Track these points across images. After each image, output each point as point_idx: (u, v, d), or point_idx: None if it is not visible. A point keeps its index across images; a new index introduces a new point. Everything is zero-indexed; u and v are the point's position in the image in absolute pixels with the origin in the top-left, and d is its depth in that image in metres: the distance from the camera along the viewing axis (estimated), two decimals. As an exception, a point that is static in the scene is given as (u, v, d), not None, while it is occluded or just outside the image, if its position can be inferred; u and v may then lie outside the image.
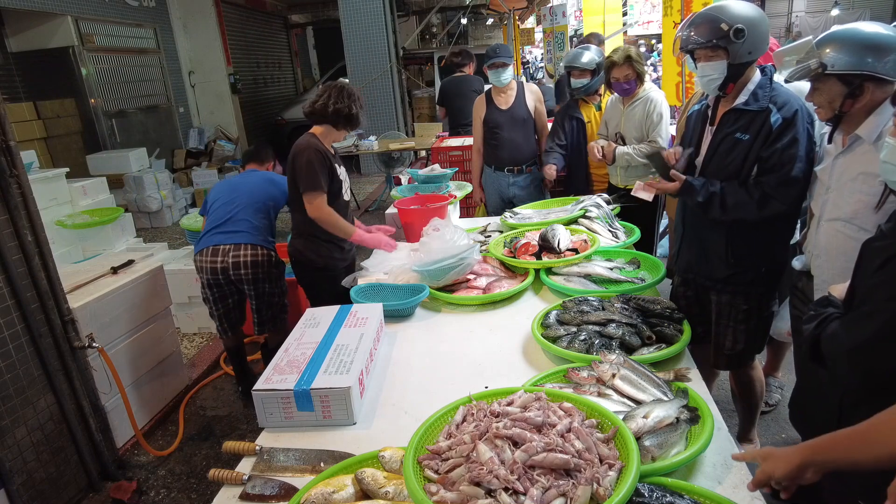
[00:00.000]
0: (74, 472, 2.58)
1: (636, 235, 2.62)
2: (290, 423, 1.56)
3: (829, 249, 1.85)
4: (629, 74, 3.03)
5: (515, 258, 2.47)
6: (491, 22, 16.18)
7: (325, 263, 2.80)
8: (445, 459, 1.20)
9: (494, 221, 3.21)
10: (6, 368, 2.28)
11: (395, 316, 2.19)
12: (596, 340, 1.73)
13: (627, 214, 2.92)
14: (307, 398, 1.52)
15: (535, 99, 3.70)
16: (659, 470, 1.19)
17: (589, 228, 2.65)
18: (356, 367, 1.61)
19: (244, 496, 1.33)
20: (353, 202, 5.07)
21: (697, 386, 1.54)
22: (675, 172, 2.09)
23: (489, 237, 2.87)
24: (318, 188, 2.62)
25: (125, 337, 3.00)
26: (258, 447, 1.46)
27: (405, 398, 1.67)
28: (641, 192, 2.40)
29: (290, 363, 1.65)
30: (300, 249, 2.82)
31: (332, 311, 2.01)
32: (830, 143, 1.89)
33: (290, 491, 1.32)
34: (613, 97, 3.29)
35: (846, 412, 1.41)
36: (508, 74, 3.59)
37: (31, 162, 5.16)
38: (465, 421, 1.31)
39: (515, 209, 3.14)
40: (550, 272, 2.33)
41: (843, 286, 1.46)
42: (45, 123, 6.99)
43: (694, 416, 1.34)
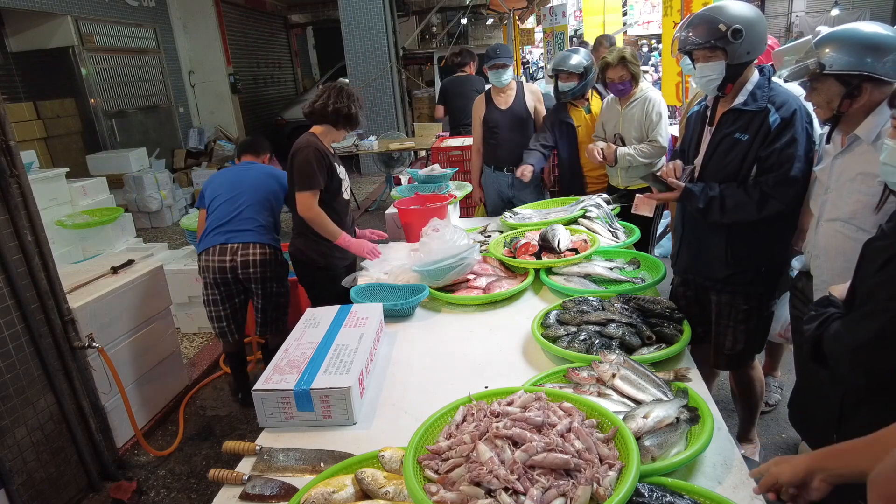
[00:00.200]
0: (74, 472, 2.58)
1: (636, 235, 2.62)
2: (290, 423, 1.56)
3: (828, 250, 1.85)
4: (623, 75, 3.03)
5: (515, 258, 2.47)
6: (491, 22, 16.18)
7: (325, 263, 2.81)
8: (445, 459, 1.20)
9: (494, 221, 3.21)
10: (6, 368, 2.28)
11: (395, 316, 2.19)
12: (596, 340, 1.73)
13: (627, 214, 2.92)
14: (307, 398, 1.53)
15: (534, 99, 3.70)
16: (659, 470, 1.19)
17: (589, 228, 2.65)
18: (356, 367, 1.61)
19: (244, 496, 1.33)
20: (353, 202, 5.07)
21: (697, 386, 1.54)
22: (672, 180, 2.09)
23: (489, 237, 2.87)
24: (312, 187, 2.64)
25: (125, 337, 3.00)
26: (258, 447, 1.47)
27: (405, 398, 1.67)
28: (642, 206, 2.39)
29: (290, 363, 1.65)
30: (301, 249, 2.82)
31: (332, 311, 2.02)
32: (829, 143, 1.89)
33: (290, 491, 1.32)
34: (609, 98, 3.28)
35: (847, 412, 1.41)
36: (508, 75, 3.59)
37: (31, 162, 5.15)
38: (465, 421, 1.31)
39: (515, 209, 3.14)
40: (550, 272, 2.34)
41: (843, 286, 1.46)
42: (45, 123, 6.99)
43: (694, 416, 1.34)
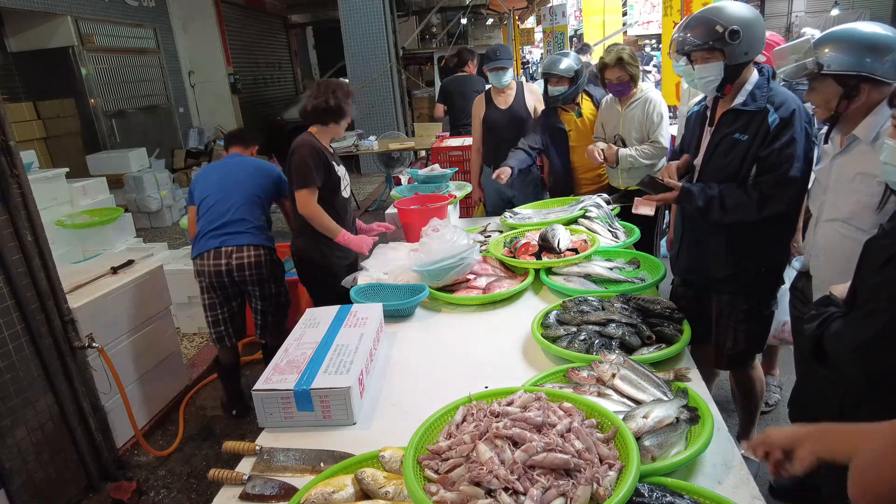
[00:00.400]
0: (74, 472, 2.58)
1: (636, 235, 2.62)
2: (290, 423, 1.56)
3: (827, 250, 1.85)
4: (621, 76, 3.03)
5: (515, 258, 2.47)
6: (491, 22, 16.19)
7: (327, 262, 2.82)
8: (445, 459, 1.20)
9: (494, 221, 3.21)
10: (6, 369, 2.28)
11: (395, 316, 2.19)
12: (596, 340, 1.73)
13: (627, 214, 2.92)
14: (307, 398, 1.53)
15: (534, 99, 3.70)
16: (659, 470, 1.19)
17: (589, 228, 2.65)
18: (356, 367, 1.61)
19: (244, 496, 1.33)
20: (353, 202, 5.07)
21: (697, 386, 1.54)
22: (670, 180, 2.09)
23: (489, 237, 2.87)
24: (309, 185, 2.65)
25: (125, 337, 3.00)
26: (258, 447, 1.46)
27: (405, 398, 1.67)
28: (642, 207, 2.40)
29: (290, 363, 1.65)
30: (302, 248, 2.83)
31: (331, 311, 2.02)
32: (828, 143, 1.89)
33: (290, 491, 1.32)
34: (609, 98, 3.27)
35: (847, 412, 1.41)
36: (508, 77, 3.59)
37: (31, 162, 5.15)
38: (465, 421, 1.31)
39: (515, 209, 3.13)
40: (550, 272, 2.34)
41: (844, 286, 1.45)
42: (44, 123, 6.99)
43: (694, 416, 1.34)
